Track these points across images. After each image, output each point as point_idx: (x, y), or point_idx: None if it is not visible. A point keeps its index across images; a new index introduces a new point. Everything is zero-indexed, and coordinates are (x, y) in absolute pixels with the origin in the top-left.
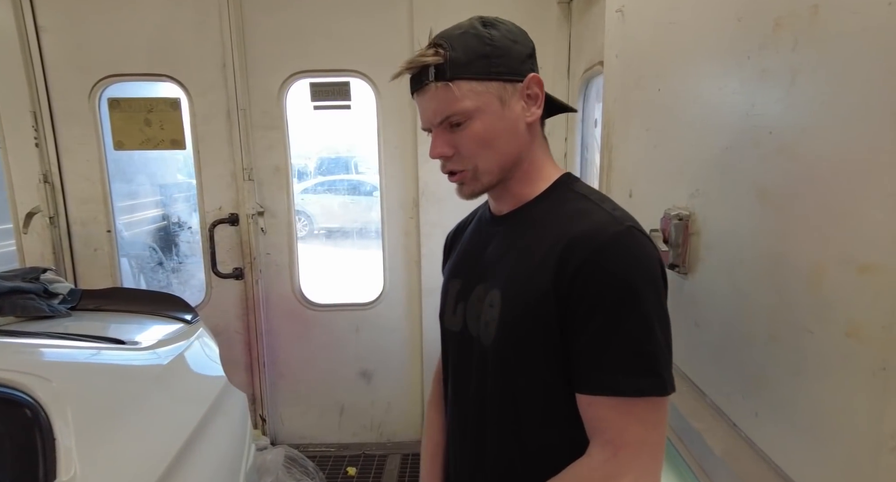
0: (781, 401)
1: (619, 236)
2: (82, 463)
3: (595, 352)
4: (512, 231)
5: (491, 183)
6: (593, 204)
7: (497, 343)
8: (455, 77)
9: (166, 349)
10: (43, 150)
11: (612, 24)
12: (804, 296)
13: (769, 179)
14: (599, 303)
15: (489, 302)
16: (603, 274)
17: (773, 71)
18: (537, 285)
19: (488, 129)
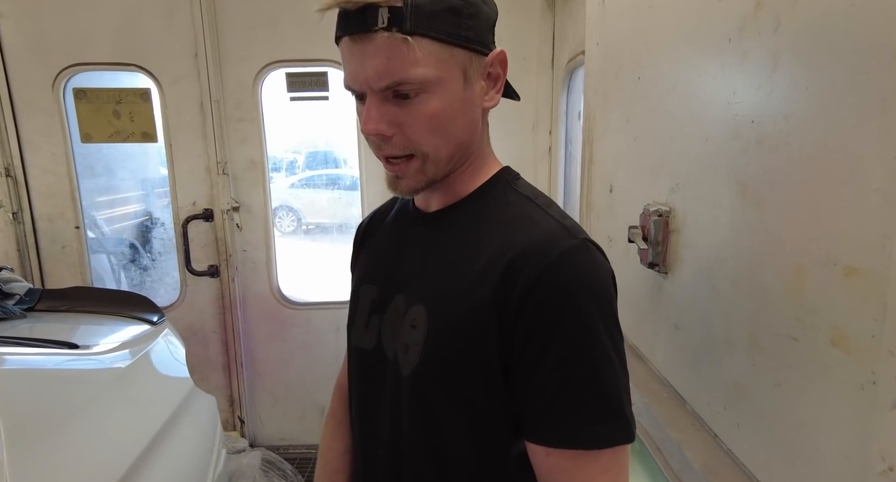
0: (764, 413)
1: (574, 251)
2: (16, 478)
3: (550, 395)
4: (441, 233)
5: (436, 177)
6: (540, 209)
7: (418, 373)
8: (416, 31)
9: (125, 352)
10: (4, 142)
11: (594, 12)
12: (787, 301)
13: (750, 173)
14: (554, 334)
15: (410, 320)
16: (559, 297)
17: (754, 55)
18: (474, 305)
19: (445, 110)
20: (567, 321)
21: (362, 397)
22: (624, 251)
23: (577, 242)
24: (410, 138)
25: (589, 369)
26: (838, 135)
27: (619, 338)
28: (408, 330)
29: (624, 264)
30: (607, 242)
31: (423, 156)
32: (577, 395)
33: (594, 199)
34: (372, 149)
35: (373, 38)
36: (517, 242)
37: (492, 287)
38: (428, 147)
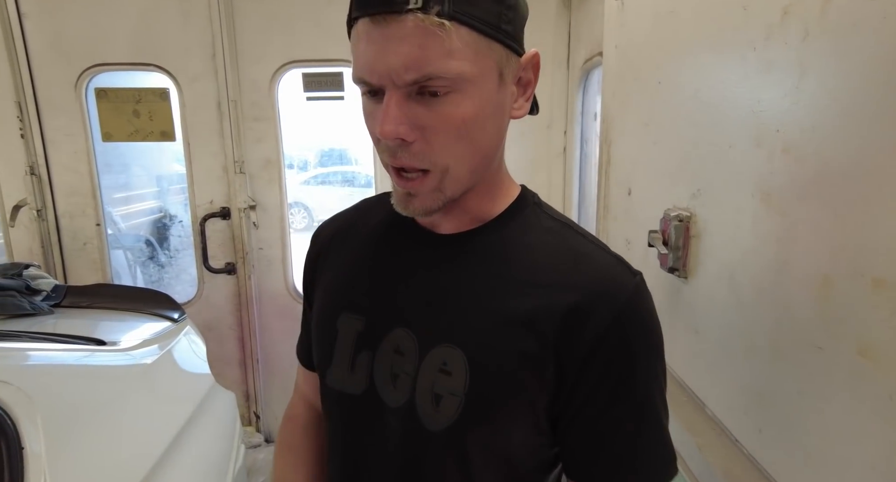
0: (787, 419)
1: (639, 293)
2: (52, 470)
3: (623, 447)
4: (465, 260)
5: (454, 196)
6: (586, 241)
7: (460, 429)
8: (456, 16)
9: (150, 348)
10: (29, 141)
11: (612, 14)
12: (812, 310)
13: (774, 182)
14: (629, 387)
15: (436, 363)
16: (636, 347)
17: (780, 63)
18: (527, 350)
19: (476, 114)
20: (642, 372)
21: (350, 445)
22: (642, 254)
23: (637, 280)
24: (433, 146)
25: (658, 419)
26: (867, 145)
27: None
28: (436, 375)
29: (643, 268)
30: (625, 245)
31: (443, 170)
32: (650, 446)
33: (611, 202)
34: (383, 157)
35: (402, 21)
36: (580, 280)
37: (550, 332)
38: (450, 158)
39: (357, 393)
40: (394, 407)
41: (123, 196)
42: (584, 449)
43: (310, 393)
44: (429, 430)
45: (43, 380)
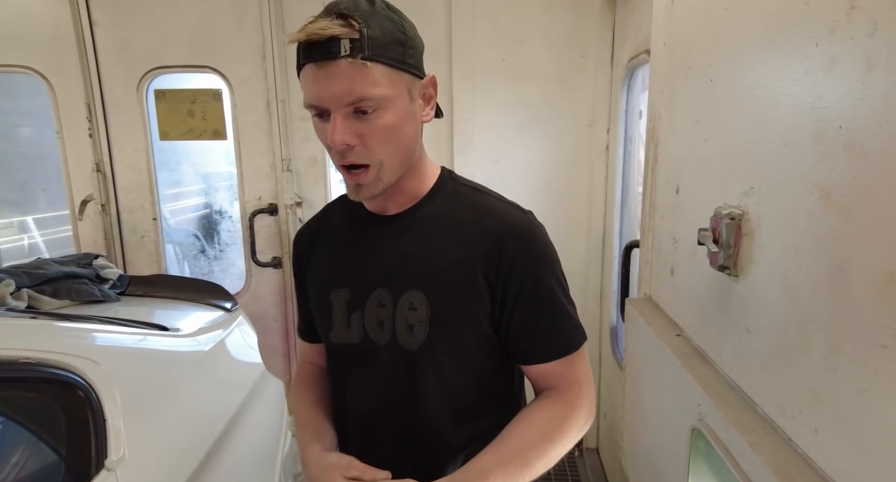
0: (847, 419)
1: (533, 225)
2: (130, 444)
3: (546, 328)
4: (410, 230)
5: (391, 182)
6: (492, 198)
7: (429, 345)
8: (373, 57)
9: (207, 336)
10: (96, 140)
11: (661, 11)
12: (875, 307)
13: (834, 179)
14: (538, 287)
15: (406, 304)
16: (536, 260)
17: (845, 59)
18: (466, 281)
19: (396, 122)
20: (545, 275)
21: (360, 381)
22: (690, 252)
23: (530, 215)
24: (370, 147)
25: (563, 303)
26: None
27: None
28: (407, 313)
29: (690, 266)
30: (672, 244)
31: (379, 164)
32: (562, 322)
33: (658, 200)
34: (334, 159)
35: (337, 64)
36: (491, 226)
37: (478, 262)
38: (383, 155)
39: (355, 342)
40: (383, 344)
41: (173, 192)
42: (520, 336)
43: (313, 357)
44: (409, 351)
45: (120, 359)
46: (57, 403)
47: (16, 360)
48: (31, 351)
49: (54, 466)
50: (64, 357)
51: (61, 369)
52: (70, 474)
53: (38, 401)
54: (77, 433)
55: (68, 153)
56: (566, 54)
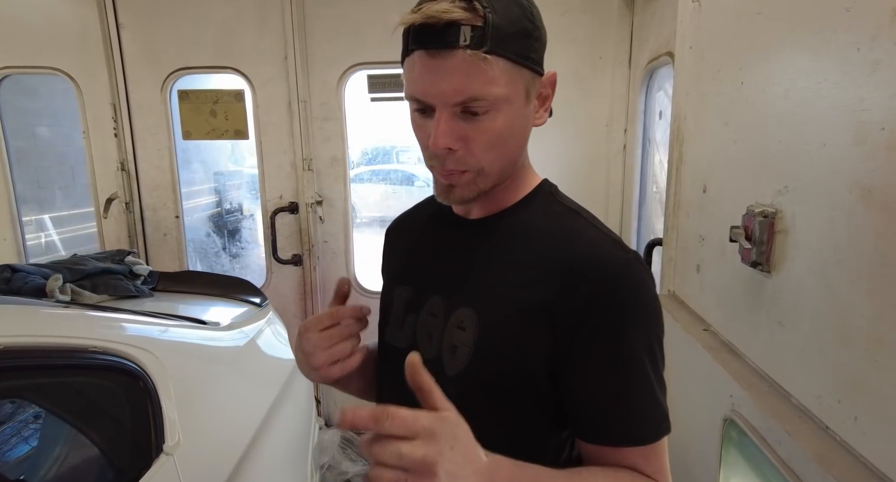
0: (887, 407)
1: (629, 265)
2: (184, 432)
3: (615, 403)
4: (485, 239)
5: (486, 189)
6: (588, 223)
7: (468, 373)
8: (494, 50)
9: (244, 329)
10: (121, 139)
11: (687, 15)
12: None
13: (877, 177)
14: (618, 348)
15: (456, 321)
16: (622, 313)
17: (888, 64)
18: (525, 309)
19: (507, 127)
20: (626, 333)
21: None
22: (718, 250)
23: (631, 256)
24: (473, 153)
25: (643, 378)
26: None
27: (662, 344)
28: (454, 331)
29: (719, 263)
30: (699, 241)
31: (478, 171)
32: (641, 401)
33: (683, 199)
34: (429, 162)
35: (452, 55)
36: (572, 254)
37: (548, 294)
38: (485, 162)
39: (403, 347)
40: (428, 358)
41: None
42: (579, 403)
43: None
44: (448, 374)
45: (168, 351)
46: (121, 390)
47: (85, 348)
48: (97, 340)
49: (121, 449)
50: (126, 347)
51: (124, 358)
52: (135, 456)
53: (104, 387)
54: (139, 418)
55: (94, 152)
56: (584, 56)
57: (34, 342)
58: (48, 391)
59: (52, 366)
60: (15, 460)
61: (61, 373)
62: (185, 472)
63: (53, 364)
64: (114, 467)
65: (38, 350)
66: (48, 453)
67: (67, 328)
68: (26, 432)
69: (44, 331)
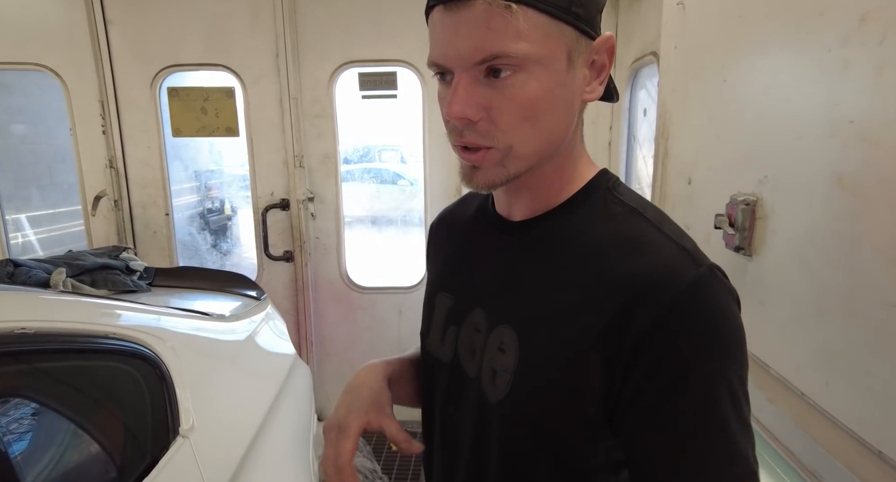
0: (856, 371)
1: (703, 285)
2: (197, 416)
3: (677, 456)
4: (530, 247)
5: (518, 173)
6: (653, 227)
7: (508, 404)
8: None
9: (248, 320)
10: (109, 136)
11: (671, 16)
12: (884, 273)
13: (849, 166)
14: (679, 386)
15: (497, 343)
16: (690, 342)
17: (858, 63)
18: (574, 337)
19: (542, 95)
20: (695, 371)
21: (445, 406)
22: (703, 237)
23: (703, 271)
24: (498, 125)
25: (719, 426)
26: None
27: (746, 382)
28: (495, 353)
29: (704, 249)
30: (684, 230)
31: (506, 148)
32: (705, 457)
33: (669, 191)
34: (450, 138)
35: (471, 6)
36: (632, 271)
37: (599, 321)
38: (514, 138)
39: (446, 361)
40: (471, 377)
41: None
42: (635, 447)
43: None
44: (490, 401)
45: (179, 338)
46: (139, 374)
47: (105, 334)
48: (115, 326)
49: (141, 429)
50: (141, 334)
51: (140, 345)
52: (155, 437)
53: (124, 371)
54: (157, 401)
55: (81, 150)
56: None
57: (59, 328)
58: (73, 374)
59: (76, 350)
60: (42, 439)
61: (84, 357)
62: (201, 454)
63: (77, 348)
64: (137, 446)
65: (64, 335)
66: (73, 434)
67: (85, 315)
68: (50, 415)
69: (64, 317)
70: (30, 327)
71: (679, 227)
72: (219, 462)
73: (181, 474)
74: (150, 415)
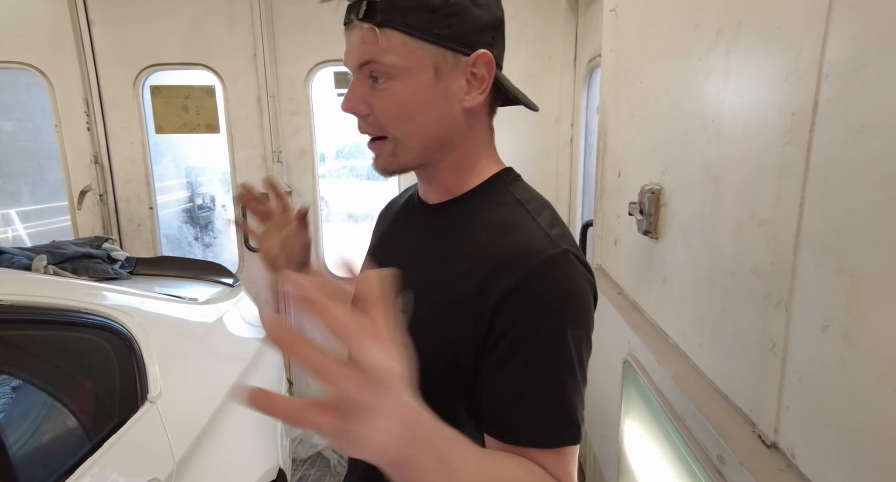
0: (715, 331)
1: (554, 261)
2: (165, 385)
3: (512, 395)
4: (436, 226)
5: (408, 164)
6: (528, 215)
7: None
8: (386, 23)
9: (219, 305)
10: (94, 133)
11: (608, 22)
12: (730, 247)
13: (711, 157)
14: (525, 339)
15: (400, 304)
16: (534, 304)
17: (715, 70)
18: (454, 299)
19: (410, 99)
20: (540, 328)
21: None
22: (627, 225)
23: (558, 252)
24: (379, 120)
25: (553, 377)
26: (763, 129)
27: (586, 348)
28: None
29: (627, 235)
30: (615, 219)
31: (395, 140)
32: (537, 401)
33: (606, 183)
34: (358, 127)
35: (353, 27)
36: (499, 248)
37: (473, 285)
38: (397, 132)
39: None
40: None
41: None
42: (485, 395)
43: None
44: None
45: (151, 319)
46: (109, 346)
47: (78, 309)
48: (88, 303)
49: (111, 396)
50: (113, 311)
51: (111, 320)
52: (123, 403)
53: (95, 343)
54: (125, 371)
55: (66, 146)
56: (535, 55)
57: (33, 301)
58: (46, 344)
59: (50, 322)
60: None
61: (57, 328)
62: (167, 418)
63: (51, 320)
64: (105, 411)
65: (38, 308)
66: (45, 400)
67: (60, 292)
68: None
69: (40, 293)
70: (6, 300)
71: (558, 221)
72: (184, 426)
73: (148, 434)
74: (119, 382)
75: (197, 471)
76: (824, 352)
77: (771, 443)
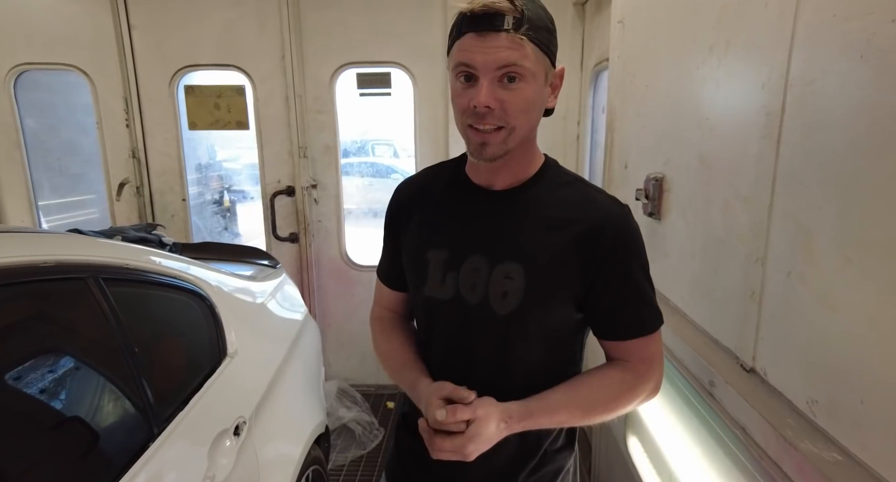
0: (706, 289)
1: (628, 216)
2: (239, 345)
3: (631, 311)
4: (514, 208)
5: (512, 149)
6: (592, 188)
7: (521, 312)
8: (527, 35)
9: (269, 282)
10: (132, 129)
11: (616, 32)
12: (720, 220)
13: (705, 148)
14: (628, 274)
15: (502, 273)
16: (629, 251)
17: (708, 79)
18: (562, 261)
19: (533, 97)
20: (635, 262)
21: (449, 334)
22: (633, 209)
23: (627, 210)
24: (508, 113)
25: (647, 290)
26: (749, 127)
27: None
28: (502, 281)
29: None
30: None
31: (511, 129)
32: (645, 306)
33: (613, 175)
34: (468, 120)
35: (498, 36)
36: (592, 215)
37: (577, 246)
38: (516, 121)
39: (446, 298)
40: (473, 303)
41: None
42: (607, 315)
43: (391, 305)
44: (499, 314)
45: (222, 287)
46: (197, 307)
47: (174, 274)
48: (179, 271)
49: (202, 348)
50: (195, 278)
51: (196, 285)
52: (212, 355)
53: (188, 304)
54: (211, 329)
55: (107, 141)
56: None
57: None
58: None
59: (155, 283)
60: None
61: (164, 289)
62: (242, 372)
63: (155, 281)
64: (201, 358)
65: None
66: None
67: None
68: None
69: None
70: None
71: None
72: (255, 379)
73: (230, 385)
74: (208, 337)
75: (269, 418)
76: (787, 292)
77: (749, 368)
